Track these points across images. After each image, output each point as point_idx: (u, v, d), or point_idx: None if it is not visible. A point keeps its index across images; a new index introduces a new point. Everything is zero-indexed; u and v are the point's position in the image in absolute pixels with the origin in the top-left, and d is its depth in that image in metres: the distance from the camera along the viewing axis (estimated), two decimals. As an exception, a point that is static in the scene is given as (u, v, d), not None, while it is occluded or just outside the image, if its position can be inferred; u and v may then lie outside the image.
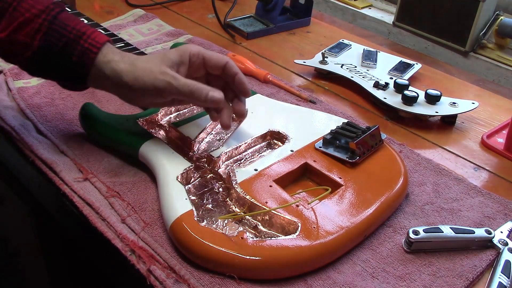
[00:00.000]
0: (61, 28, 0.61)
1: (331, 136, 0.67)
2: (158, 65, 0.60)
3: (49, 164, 0.65)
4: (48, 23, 0.61)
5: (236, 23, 1.09)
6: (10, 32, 0.60)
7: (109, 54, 0.61)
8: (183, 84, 0.60)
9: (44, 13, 0.61)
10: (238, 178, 0.61)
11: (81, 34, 0.61)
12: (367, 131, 0.66)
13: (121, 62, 0.61)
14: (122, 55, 0.62)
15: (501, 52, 1.09)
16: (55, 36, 0.60)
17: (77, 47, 0.60)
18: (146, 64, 0.61)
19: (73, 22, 0.62)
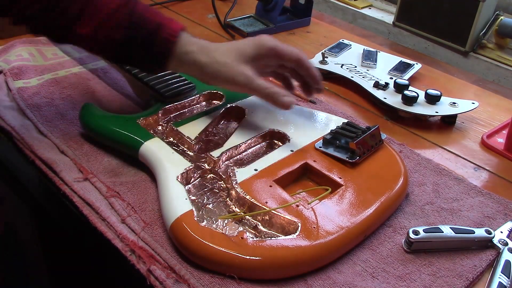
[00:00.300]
0: (140, 20, 0.64)
1: (331, 136, 0.67)
2: (236, 62, 0.64)
3: (49, 164, 0.65)
4: (128, 16, 0.63)
5: (236, 23, 1.09)
6: (94, 28, 0.63)
7: (186, 45, 0.64)
8: (260, 87, 0.65)
9: (122, 7, 0.63)
10: (238, 178, 0.61)
11: (159, 24, 0.64)
12: (367, 131, 0.66)
13: (200, 54, 0.64)
14: (199, 46, 0.65)
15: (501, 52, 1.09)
16: (136, 29, 0.63)
17: (157, 38, 0.63)
18: (225, 58, 0.64)
19: (149, 13, 0.65)
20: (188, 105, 0.75)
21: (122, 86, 0.84)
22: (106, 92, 0.81)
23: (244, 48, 0.65)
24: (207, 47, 0.65)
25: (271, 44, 0.67)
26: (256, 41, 0.67)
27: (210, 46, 0.65)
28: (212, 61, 0.64)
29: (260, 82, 0.65)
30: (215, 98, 0.78)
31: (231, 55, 0.65)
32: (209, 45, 0.66)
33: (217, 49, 0.65)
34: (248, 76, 0.64)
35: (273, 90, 0.65)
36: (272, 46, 0.67)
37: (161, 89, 0.74)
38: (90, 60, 0.90)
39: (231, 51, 0.65)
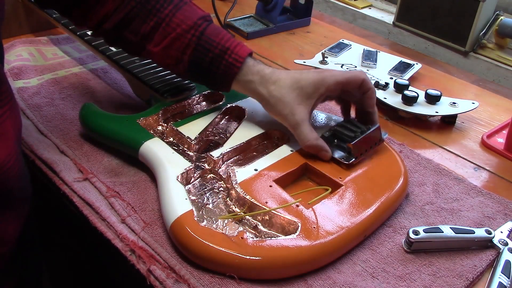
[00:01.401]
0: (208, 44, 0.65)
1: (330, 133, 0.67)
2: (292, 100, 0.64)
3: (49, 164, 0.65)
4: (197, 39, 0.65)
5: (236, 23, 1.09)
6: (164, 47, 0.66)
7: (248, 74, 0.66)
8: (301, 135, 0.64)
9: (192, 29, 0.65)
10: (238, 178, 0.61)
11: (226, 49, 0.65)
12: (366, 131, 0.66)
13: (259, 85, 0.65)
14: (260, 76, 0.65)
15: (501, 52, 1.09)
16: (203, 52, 0.65)
17: (222, 62, 0.65)
18: (282, 94, 0.64)
19: (219, 37, 0.66)
20: (188, 105, 0.75)
21: (122, 86, 0.84)
22: (106, 92, 0.81)
23: (305, 86, 0.65)
24: (268, 78, 0.65)
25: (332, 81, 0.65)
26: (317, 79, 0.65)
27: (272, 77, 0.65)
28: (269, 95, 0.65)
29: (304, 130, 0.64)
30: (215, 98, 0.78)
31: (289, 91, 0.64)
32: (271, 76, 0.65)
33: (276, 82, 0.65)
34: (296, 122, 0.64)
35: (313, 144, 0.64)
36: (332, 84, 0.65)
37: (161, 89, 0.74)
38: (90, 60, 0.90)
39: (289, 87, 0.65)
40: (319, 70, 0.67)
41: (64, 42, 0.94)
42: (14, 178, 0.56)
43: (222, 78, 0.66)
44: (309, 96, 0.65)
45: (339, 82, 0.65)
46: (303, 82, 0.65)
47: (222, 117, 0.74)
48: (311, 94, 0.65)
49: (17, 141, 0.58)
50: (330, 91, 0.66)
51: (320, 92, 0.65)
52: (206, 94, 0.77)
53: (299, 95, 0.64)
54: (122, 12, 0.65)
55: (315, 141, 0.64)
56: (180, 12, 0.66)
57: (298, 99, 0.64)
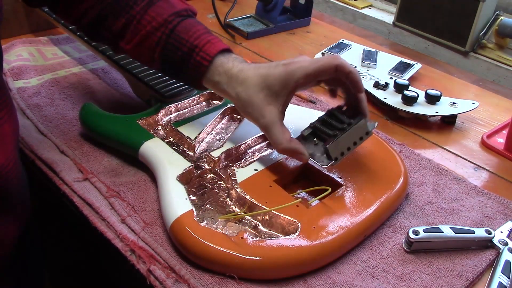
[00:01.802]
0: (177, 42, 0.63)
1: (310, 131, 0.62)
2: (261, 105, 0.60)
3: (49, 164, 0.65)
4: (166, 36, 0.63)
5: (236, 23, 1.09)
6: (135, 45, 0.64)
7: (215, 74, 0.62)
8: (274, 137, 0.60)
9: (163, 26, 0.63)
10: (238, 178, 0.61)
11: (194, 47, 0.62)
12: (347, 128, 0.59)
13: (227, 86, 0.62)
14: (227, 76, 0.62)
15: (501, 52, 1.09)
16: (172, 50, 0.63)
17: (191, 60, 0.63)
18: (249, 96, 0.60)
19: (189, 33, 0.63)
20: (188, 105, 0.75)
21: (122, 86, 0.84)
22: (106, 92, 0.82)
23: (272, 84, 0.60)
24: (236, 78, 0.61)
25: (301, 75, 0.59)
26: (284, 74, 0.60)
27: (239, 76, 0.61)
28: (237, 97, 0.61)
29: (276, 132, 0.59)
30: (215, 98, 0.78)
31: (256, 91, 0.60)
32: (238, 75, 0.61)
33: (243, 82, 0.61)
34: (266, 125, 0.60)
35: (286, 147, 0.60)
36: (302, 77, 0.59)
37: (161, 89, 0.74)
38: (90, 60, 0.90)
39: (257, 86, 0.60)
40: (288, 61, 0.60)
41: (64, 42, 0.94)
42: (13, 181, 0.56)
43: (192, 77, 0.64)
44: (277, 94, 0.60)
45: (309, 74, 0.59)
46: (271, 79, 0.60)
47: (222, 117, 0.74)
48: (279, 92, 0.60)
49: (15, 145, 0.58)
50: (301, 85, 0.60)
51: (289, 89, 0.60)
52: (206, 94, 0.77)
53: (267, 95, 0.60)
54: (98, 8, 0.64)
55: (288, 144, 0.59)
56: (152, 8, 0.64)
57: (266, 99, 0.60)
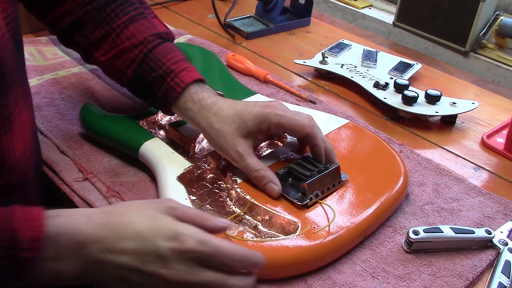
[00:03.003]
0: (153, 63, 0.63)
1: (285, 171, 0.61)
2: (232, 133, 0.59)
3: (49, 164, 0.65)
4: (143, 55, 0.63)
5: (236, 23, 1.09)
6: (110, 57, 0.65)
7: (188, 101, 0.62)
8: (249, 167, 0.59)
9: (142, 44, 0.64)
10: (238, 178, 0.61)
11: (170, 72, 0.63)
12: (323, 171, 0.59)
13: (198, 115, 0.61)
14: (200, 105, 0.61)
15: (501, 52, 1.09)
16: (146, 69, 0.63)
17: (164, 84, 0.63)
18: (221, 127, 0.60)
19: (167, 57, 0.63)
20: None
21: (122, 86, 0.84)
22: (106, 92, 0.81)
23: (245, 122, 0.59)
24: (209, 108, 0.61)
25: (275, 120, 0.59)
26: (259, 114, 0.59)
27: (213, 107, 0.61)
28: (208, 127, 0.60)
29: (250, 161, 0.59)
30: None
31: (229, 122, 0.60)
32: (212, 106, 0.61)
33: (217, 112, 0.60)
34: (240, 154, 0.59)
35: (261, 174, 0.59)
36: (275, 123, 0.59)
37: (161, 89, 0.74)
38: (90, 60, 0.90)
39: (230, 119, 0.60)
40: (266, 103, 0.61)
41: (64, 42, 0.94)
42: (31, 169, 0.57)
43: (161, 100, 0.64)
44: (250, 130, 0.59)
45: (282, 125, 0.60)
46: (245, 115, 0.59)
47: (222, 117, 0.74)
48: (252, 129, 0.59)
49: (33, 133, 0.59)
50: (273, 131, 0.61)
51: (262, 128, 0.60)
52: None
53: (240, 127, 0.59)
54: (77, 14, 0.65)
55: (263, 171, 0.59)
56: (134, 25, 0.64)
57: (239, 131, 0.59)
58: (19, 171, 0.55)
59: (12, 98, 0.52)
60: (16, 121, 0.53)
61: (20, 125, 0.54)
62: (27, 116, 0.56)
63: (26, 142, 0.55)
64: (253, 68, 0.90)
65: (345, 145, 0.69)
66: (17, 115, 0.53)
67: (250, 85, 0.86)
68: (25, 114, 0.55)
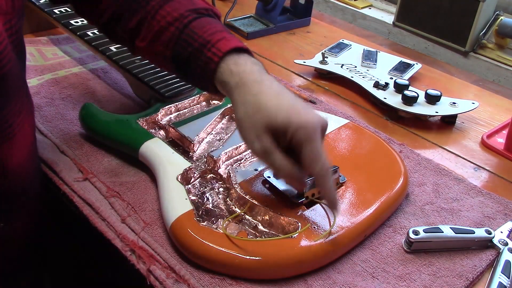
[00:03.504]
0: (189, 37, 0.57)
1: None
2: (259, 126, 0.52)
3: (49, 164, 0.65)
4: (179, 32, 0.58)
5: (236, 23, 1.09)
6: (149, 42, 0.60)
7: (225, 73, 0.55)
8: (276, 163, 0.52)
9: (177, 21, 0.58)
10: (238, 178, 0.61)
11: (206, 43, 0.56)
12: None
13: (234, 91, 0.54)
14: (238, 80, 0.54)
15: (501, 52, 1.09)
16: (183, 45, 0.58)
17: (201, 57, 0.56)
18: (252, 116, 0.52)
19: (203, 29, 0.57)
20: (188, 105, 0.75)
21: (122, 86, 0.84)
22: (106, 92, 0.81)
23: (275, 118, 0.52)
24: (249, 87, 0.54)
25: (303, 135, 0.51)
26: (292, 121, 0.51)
27: (253, 87, 0.53)
28: (240, 107, 0.54)
29: (278, 157, 0.52)
30: (215, 98, 0.78)
31: (259, 113, 0.52)
32: (253, 85, 0.54)
33: (256, 95, 0.53)
34: (266, 147, 0.52)
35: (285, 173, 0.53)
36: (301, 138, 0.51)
37: (161, 89, 0.74)
38: (90, 60, 0.90)
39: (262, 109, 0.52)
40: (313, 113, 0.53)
41: (64, 42, 0.94)
42: (30, 177, 0.57)
43: (201, 76, 0.57)
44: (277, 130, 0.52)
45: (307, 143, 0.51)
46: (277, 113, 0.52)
47: (222, 117, 0.74)
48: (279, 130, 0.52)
49: (33, 141, 0.58)
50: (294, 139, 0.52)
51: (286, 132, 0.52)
52: (206, 94, 0.77)
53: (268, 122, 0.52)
54: (113, 6, 0.61)
55: (291, 170, 0.53)
56: (169, 4, 0.60)
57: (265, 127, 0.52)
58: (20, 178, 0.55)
59: (16, 107, 0.52)
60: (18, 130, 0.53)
61: (22, 133, 0.54)
62: (30, 125, 0.56)
63: (27, 150, 0.55)
64: (253, 68, 0.90)
65: (345, 145, 0.69)
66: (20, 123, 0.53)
67: (250, 85, 0.86)
68: (28, 123, 0.55)
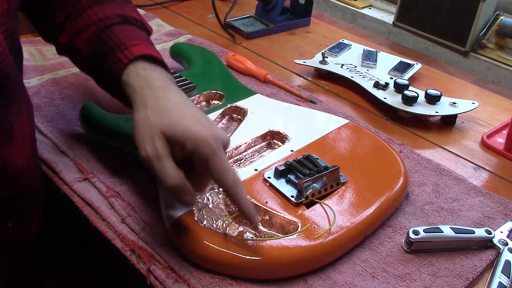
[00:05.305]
0: (107, 37, 0.57)
1: (285, 168, 0.61)
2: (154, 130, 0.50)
3: (49, 164, 0.65)
4: (99, 31, 0.58)
5: (236, 23, 1.09)
6: (70, 37, 0.60)
7: (131, 75, 0.54)
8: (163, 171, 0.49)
9: (101, 21, 0.59)
10: (238, 178, 0.61)
11: (121, 44, 0.56)
12: (323, 171, 0.59)
13: (138, 93, 0.53)
14: (145, 85, 0.53)
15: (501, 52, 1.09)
16: (99, 44, 0.58)
17: (112, 57, 0.56)
18: (148, 119, 0.51)
19: (123, 33, 0.57)
20: (188, 105, 0.75)
21: (122, 86, 0.84)
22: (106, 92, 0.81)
23: (174, 126, 0.50)
24: (153, 90, 0.53)
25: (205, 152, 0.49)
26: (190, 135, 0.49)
27: (158, 91, 0.52)
28: (139, 109, 0.52)
29: (169, 165, 0.49)
30: (215, 98, 0.78)
31: (157, 118, 0.50)
32: (158, 90, 0.53)
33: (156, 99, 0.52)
34: (158, 151, 0.49)
35: (176, 182, 0.49)
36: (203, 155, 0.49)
37: (161, 89, 0.74)
38: (90, 60, 0.90)
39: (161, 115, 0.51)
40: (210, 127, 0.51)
41: (64, 42, 0.94)
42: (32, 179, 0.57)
43: (108, 76, 0.57)
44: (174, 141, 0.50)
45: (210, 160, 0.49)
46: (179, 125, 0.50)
47: (222, 117, 0.74)
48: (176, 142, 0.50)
49: (34, 143, 0.58)
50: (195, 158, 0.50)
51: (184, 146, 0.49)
52: (206, 94, 0.77)
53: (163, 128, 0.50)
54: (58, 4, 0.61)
55: (182, 180, 0.49)
56: (99, 6, 0.60)
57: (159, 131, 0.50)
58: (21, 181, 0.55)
59: (15, 110, 0.52)
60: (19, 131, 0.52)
61: (22, 135, 0.53)
62: (29, 127, 0.56)
63: (29, 151, 0.55)
64: (253, 68, 0.90)
65: (345, 145, 0.69)
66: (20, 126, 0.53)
67: (250, 85, 0.86)
68: (27, 125, 0.55)
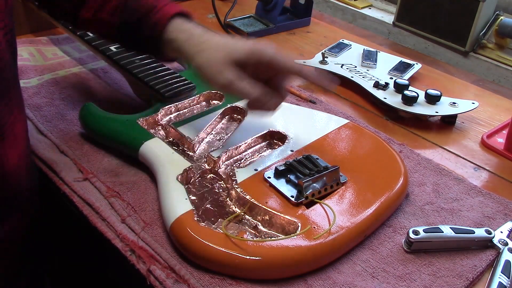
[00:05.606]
0: (136, 3, 0.60)
1: (285, 168, 0.61)
2: (220, 60, 0.58)
3: (49, 164, 0.65)
4: (125, 0, 0.61)
5: (236, 23, 1.09)
6: (95, 12, 0.62)
7: (175, 31, 0.60)
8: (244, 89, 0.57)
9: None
10: (238, 178, 0.61)
11: (152, 8, 0.60)
12: (322, 171, 0.59)
13: (186, 43, 0.59)
14: (188, 34, 0.60)
15: (501, 52, 1.09)
16: (130, 12, 0.60)
17: (148, 22, 0.60)
18: (209, 54, 0.58)
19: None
20: (188, 105, 0.75)
21: (122, 86, 0.84)
22: (106, 92, 0.82)
23: (235, 50, 0.58)
24: (198, 37, 0.59)
25: (268, 55, 0.59)
26: (252, 47, 0.59)
27: (202, 36, 0.60)
28: (196, 54, 0.59)
29: (243, 84, 0.57)
30: (215, 98, 0.78)
31: (218, 52, 0.58)
32: (201, 36, 0.60)
33: (206, 41, 0.59)
34: (229, 78, 0.57)
35: (258, 91, 0.57)
36: (268, 58, 0.59)
37: (161, 89, 0.74)
38: (90, 60, 0.90)
39: (220, 48, 0.58)
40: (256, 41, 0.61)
41: (64, 42, 0.94)
42: (23, 179, 0.57)
43: (149, 40, 0.61)
44: (240, 63, 0.58)
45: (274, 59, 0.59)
46: (236, 48, 0.58)
47: (222, 117, 0.74)
48: (242, 62, 0.58)
49: (26, 142, 0.58)
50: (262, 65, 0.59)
51: (251, 62, 0.58)
52: (206, 94, 0.77)
53: (228, 58, 0.58)
54: None
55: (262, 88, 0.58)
56: None
57: (227, 62, 0.57)
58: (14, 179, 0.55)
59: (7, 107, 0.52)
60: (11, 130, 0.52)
61: (14, 134, 0.53)
62: (22, 126, 0.56)
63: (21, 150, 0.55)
64: (253, 68, 0.90)
65: (345, 145, 0.69)
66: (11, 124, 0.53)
67: (250, 85, 0.86)
68: (20, 124, 0.55)
